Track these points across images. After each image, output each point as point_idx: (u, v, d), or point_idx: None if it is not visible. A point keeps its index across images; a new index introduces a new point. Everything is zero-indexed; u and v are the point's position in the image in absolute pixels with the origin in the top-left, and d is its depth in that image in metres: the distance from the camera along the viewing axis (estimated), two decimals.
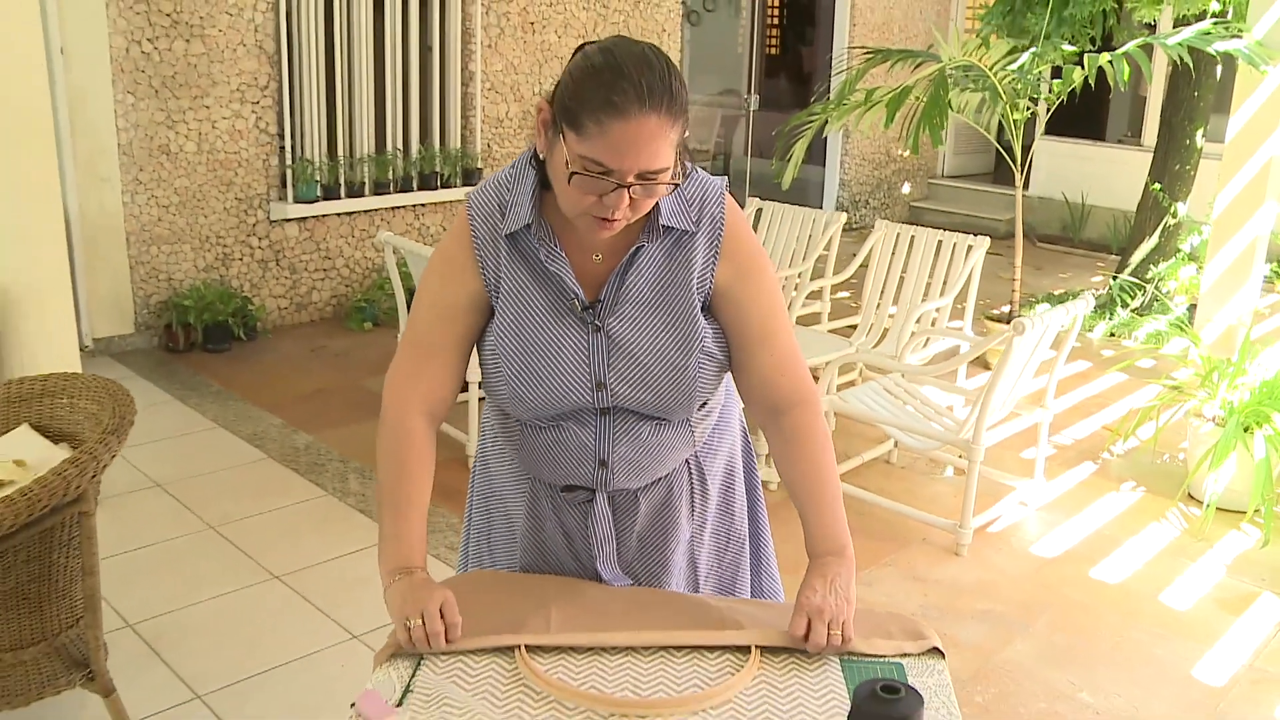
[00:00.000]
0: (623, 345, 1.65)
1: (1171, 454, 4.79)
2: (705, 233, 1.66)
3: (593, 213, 1.53)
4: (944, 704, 1.49)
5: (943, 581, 3.73)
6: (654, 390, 1.66)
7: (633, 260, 1.64)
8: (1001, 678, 3.17)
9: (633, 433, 1.70)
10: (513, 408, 1.69)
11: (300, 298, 6.41)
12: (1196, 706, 3.06)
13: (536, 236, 1.64)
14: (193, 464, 4.40)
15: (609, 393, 1.66)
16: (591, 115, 1.45)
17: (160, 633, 3.20)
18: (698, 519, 1.86)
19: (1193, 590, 3.70)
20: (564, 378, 1.65)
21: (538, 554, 1.85)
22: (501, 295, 1.66)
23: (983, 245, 4.97)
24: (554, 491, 1.80)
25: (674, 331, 1.65)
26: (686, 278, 1.65)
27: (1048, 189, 9.82)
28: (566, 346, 1.65)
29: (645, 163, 1.47)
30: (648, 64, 1.47)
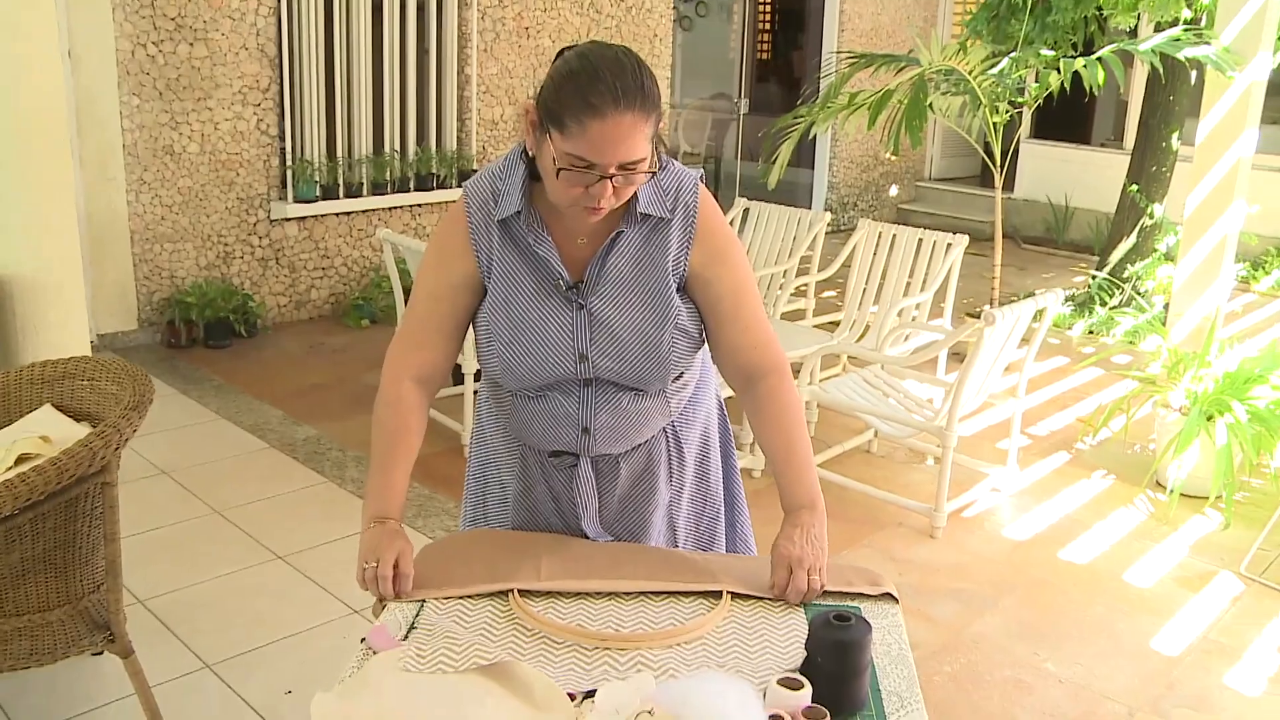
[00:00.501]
0: (603, 322, 1.81)
1: (1143, 445, 4.97)
2: (679, 220, 1.83)
3: (581, 203, 1.70)
4: (895, 642, 1.66)
5: (917, 562, 3.90)
6: (630, 363, 1.83)
7: (613, 245, 1.81)
8: (970, 649, 3.35)
9: (613, 402, 1.87)
10: (504, 379, 1.87)
11: (299, 295, 6.57)
12: (1152, 674, 3.24)
13: (526, 223, 1.81)
14: (197, 453, 4.56)
15: (590, 365, 1.83)
16: (573, 116, 1.62)
17: (170, 609, 3.36)
18: (675, 484, 2.04)
19: (1155, 570, 3.88)
20: (550, 351, 1.82)
21: (528, 515, 2.03)
22: (494, 276, 1.83)
23: (961, 243, 5.14)
24: (542, 457, 1.97)
25: (650, 310, 1.82)
26: (662, 260, 1.82)
27: (1032, 191, 10.01)
28: (552, 323, 1.82)
29: (624, 155, 1.64)
30: (620, 66, 1.64)
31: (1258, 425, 4.16)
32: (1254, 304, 7.81)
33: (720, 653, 1.60)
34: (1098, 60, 5.55)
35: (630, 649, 1.60)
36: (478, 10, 6.98)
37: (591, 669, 1.55)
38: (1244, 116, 5.10)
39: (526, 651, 1.59)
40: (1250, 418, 4.15)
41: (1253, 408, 4.18)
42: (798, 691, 1.42)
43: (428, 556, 1.86)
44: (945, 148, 10.91)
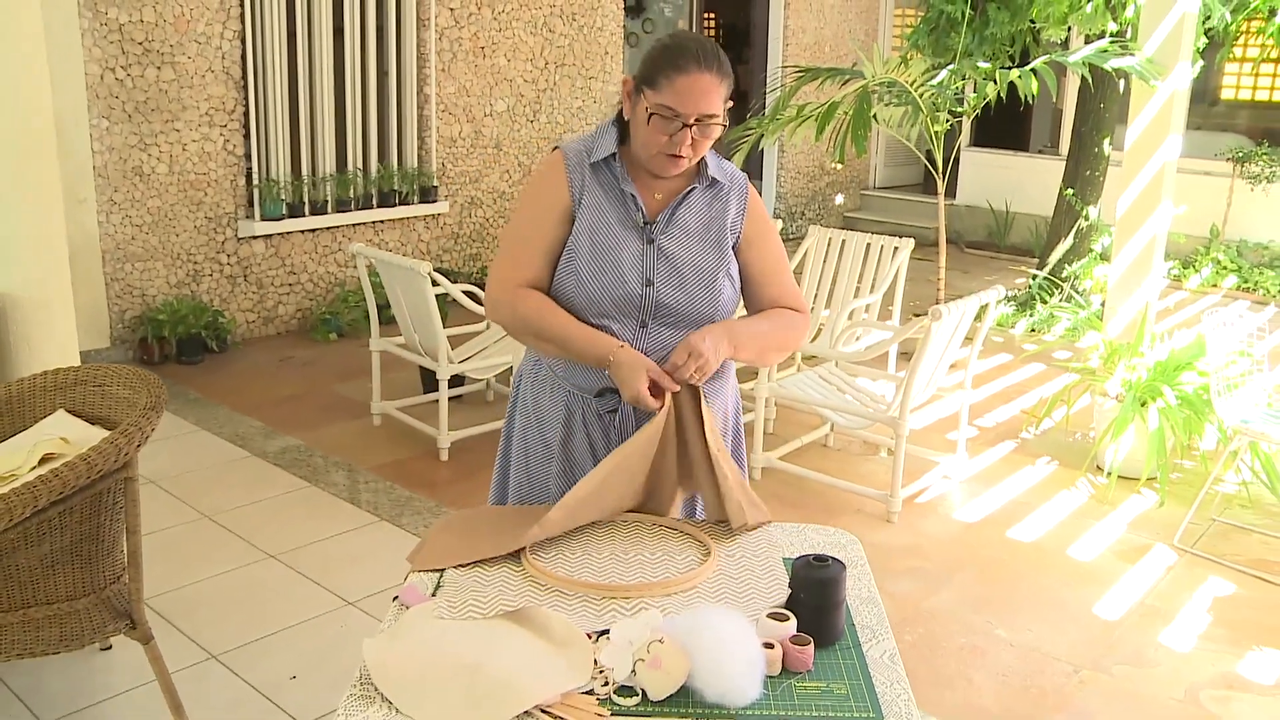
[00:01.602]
0: (668, 256, 2.16)
1: (1083, 433, 5.27)
2: (736, 194, 2.25)
3: (665, 151, 2.08)
4: (864, 585, 1.89)
5: (875, 544, 4.15)
6: (689, 295, 2.15)
7: (685, 198, 2.19)
8: (927, 620, 3.60)
9: (661, 343, 2.16)
10: (575, 297, 2.15)
11: (267, 311, 6.72)
12: (1095, 637, 3.50)
13: (616, 167, 2.17)
14: (182, 462, 4.71)
15: (655, 290, 2.14)
16: (664, 74, 2.04)
17: (171, 606, 3.52)
18: None
19: (1096, 545, 4.16)
20: (622, 271, 2.13)
21: (566, 465, 2.27)
22: (584, 207, 2.16)
23: (907, 246, 5.42)
24: (585, 403, 2.22)
25: (709, 253, 2.18)
26: (722, 220, 2.21)
27: (974, 197, 10.38)
28: (627, 251, 2.14)
29: (703, 108, 2.04)
30: (701, 41, 2.08)
31: (1187, 409, 4.47)
32: (1185, 300, 8.20)
33: (713, 597, 1.82)
34: (1031, 71, 5.86)
35: (634, 597, 1.81)
36: (435, 31, 7.18)
37: (602, 614, 1.76)
38: (1168, 123, 5.42)
39: (542, 603, 1.80)
40: (1180, 402, 4.45)
41: (1182, 393, 4.48)
42: (784, 623, 1.64)
43: (441, 534, 2.05)
44: (888, 157, 11.26)
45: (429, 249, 7.52)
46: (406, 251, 7.36)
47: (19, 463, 2.61)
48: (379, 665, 1.58)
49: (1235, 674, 3.32)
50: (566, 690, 1.54)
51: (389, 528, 4.14)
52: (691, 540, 2.03)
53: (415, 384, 5.55)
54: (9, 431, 2.85)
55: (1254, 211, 9.06)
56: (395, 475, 4.66)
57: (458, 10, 7.31)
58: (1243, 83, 10.57)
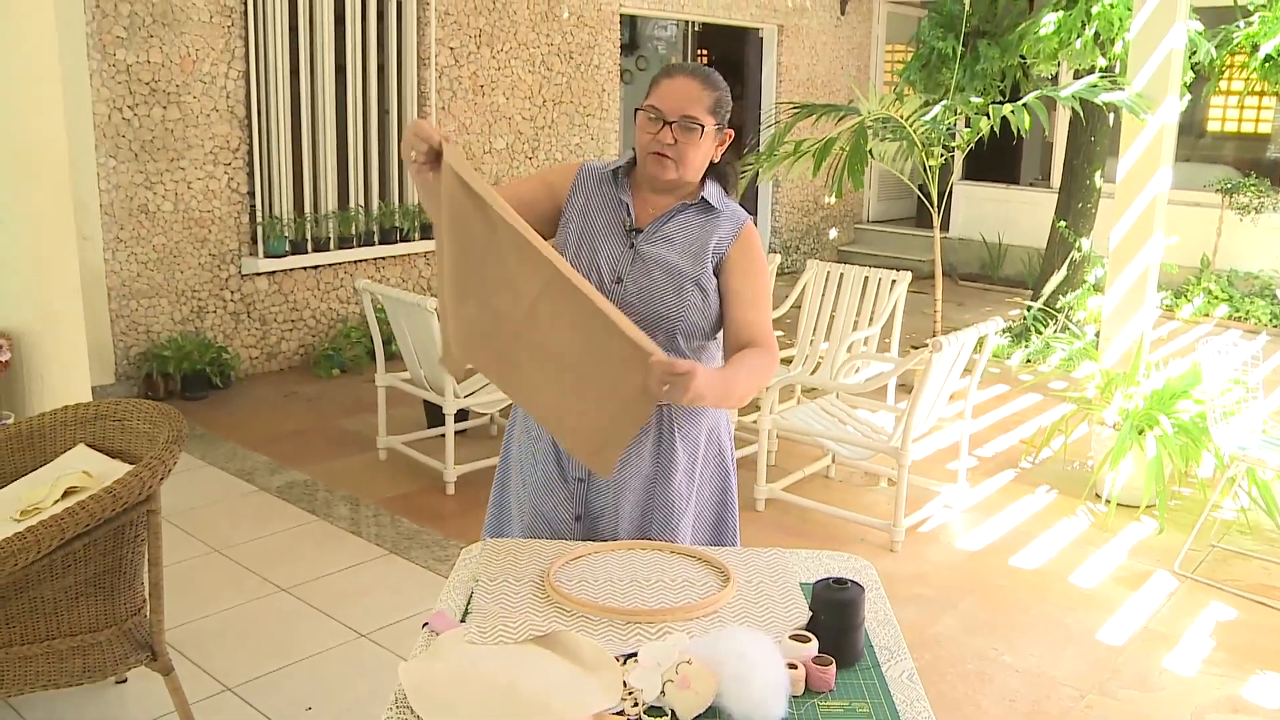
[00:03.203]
0: (644, 259, 2.24)
1: (1081, 461, 5.33)
2: (730, 221, 2.29)
3: (650, 149, 2.20)
4: (881, 608, 1.94)
5: (880, 572, 4.16)
6: (654, 294, 2.21)
7: (675, 213, 2.28)
8: (934, 646, 3.64)
9: None
10: None
11: (270, 347, 6.77)
12: (1100, 662, 3.55)
13: (620, 179, 2.31)
14: (190, 497, 4.74)
15: (623, 288, 2.22)
16: (655, 82, 2.24)
17: (183, 640, 3.55)
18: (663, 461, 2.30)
19: (1097, 572, 4.21)
20: (598, 265, 2.24)
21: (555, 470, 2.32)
22: (575, 211, 2.29)
23: (905, 279, 5.50)
24: None
25: (682, 260, 2.24)
26: (706, 240, 2.26)
27: (967, 230, 10.49)
28: (608, 249, 2.26)
29: (683, 107, 2.18)
30: (695, 62, 2.25)
31: (1183, 437, 4.53)
32: (1178, 330, 8.29)
33: (736, 620, 1.87)
34: (1024, 106, 5.97)
35: (659, 621, 1.86)
36: (435, 70, 7.28)
37: (627, 639, 1.81)
38: (1158, 156, 5.52)
39: (570, 628, 1.84)
40: (1176, 430, 4.52)
41: (1178, 421, 4.55)
42: (807, 644, 1.69)
43: None
44: (882, 191, 11.39)
45: (430, 285, 7.59)
46: (408, 288, 7.43)
47: (42, 495, 2.65)
48: (415, 688, 1.62)
49: (1240, 698, 3.36)
50: (598, 711, 1.58)
51: (397, 561, 4.18)
52: (710, 567, 2.08)
53: (420, 419, 5.60)
54: (31, 465, 2.89)
55: (1243, 241, 9.18)
56: (402, 509, 4.70)
57: (457, 49, 7.42)
58: (1228, 115, 10.74)
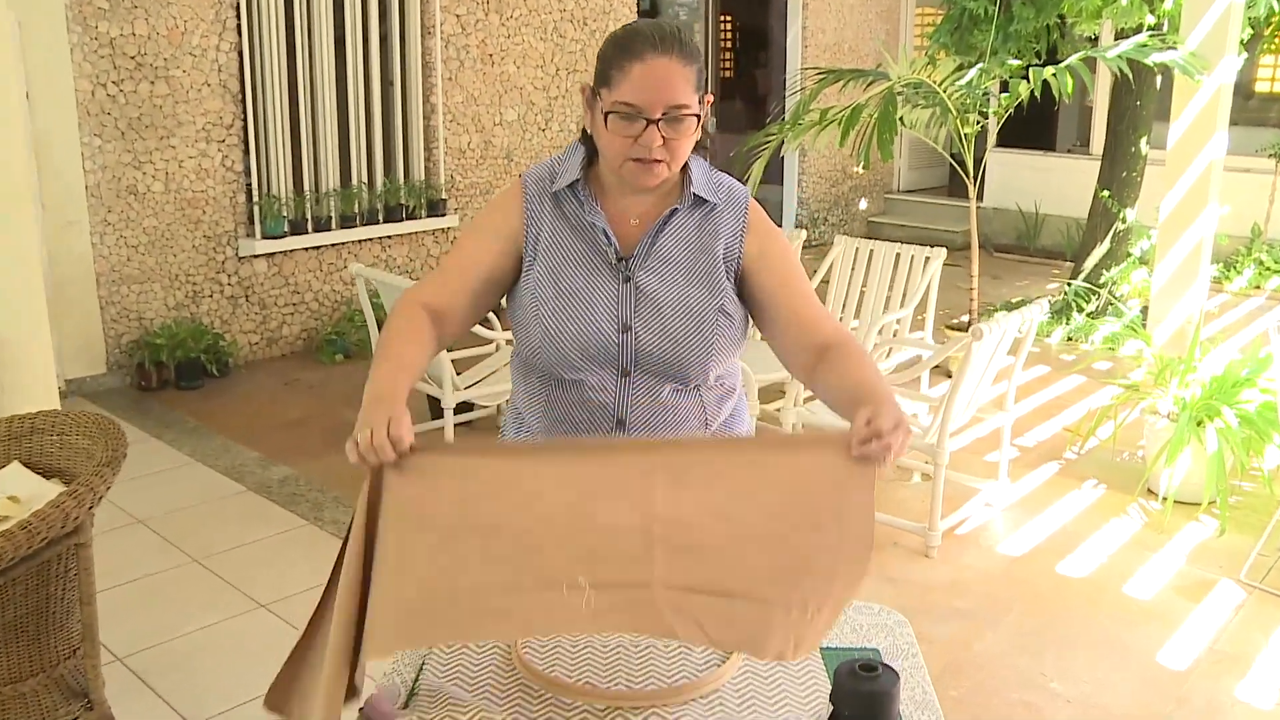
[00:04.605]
0: (649, 295, 1.81)
1: (1130, 451, 4.94)
2: (731, 210, 1.87)
3: (632, 155, 1.73)
4: (919, 685, 1.59)
5: (915, 582, 3.84)
6: (674, 339, 1.81)
7: (666, 223, 1.84)
8: (975, 670, 3.28)
9: (651, 394, 1.84)
10: (543, 351, 1.82)
11: (271, 332, 6.46)
12: (1161, 689, 3.18)
13: (581, 195, 1.83)
14: (172, 499, 4.45)
15: (634, 336, 1.80)
16: (616, 66, 1.71)
17: (149, 665, 3.25)
18: None
19: (1154, 580, 3.83)
20: (594, 319, 1.80)
21: None
22: (541, 246, 1.83)
23: (940, 256, 5.11)
24: None
25: (697, 289, 1.82)
26: (713, 246, 1.84)
27: (1001, 200, 10.04)
28: (599, 293, 1.81)
29: (667, 98, 1.70)
30: (658, 24, 1.74)
31: (1247, 429, 4.14)
32: (1228, 304, 7.84)
33: (738, 708, 1.53)
34: (1066, 69, 5.54)
35: (644, 707, 1.52)
36: (441, 39, 6.91)
37: None
38: (1214, 119, 5.10)
39: (536, 715, 1.51)
40: (1240, 422, 4.12)
41: (1242, 412, 4.15)
42: None
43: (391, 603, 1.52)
44: (912, 159, 10.93)
45: (439, 265, 7.25)
46: (415, 268, 7.10)
47: None
48: None
49: None
50: None
51: None
52: None
53: (423, 409, 5.28)
54: None
55: None
56: None
57: (464, 17, 7.04)
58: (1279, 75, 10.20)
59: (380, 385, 1.60)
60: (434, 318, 1.81)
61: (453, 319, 1.84)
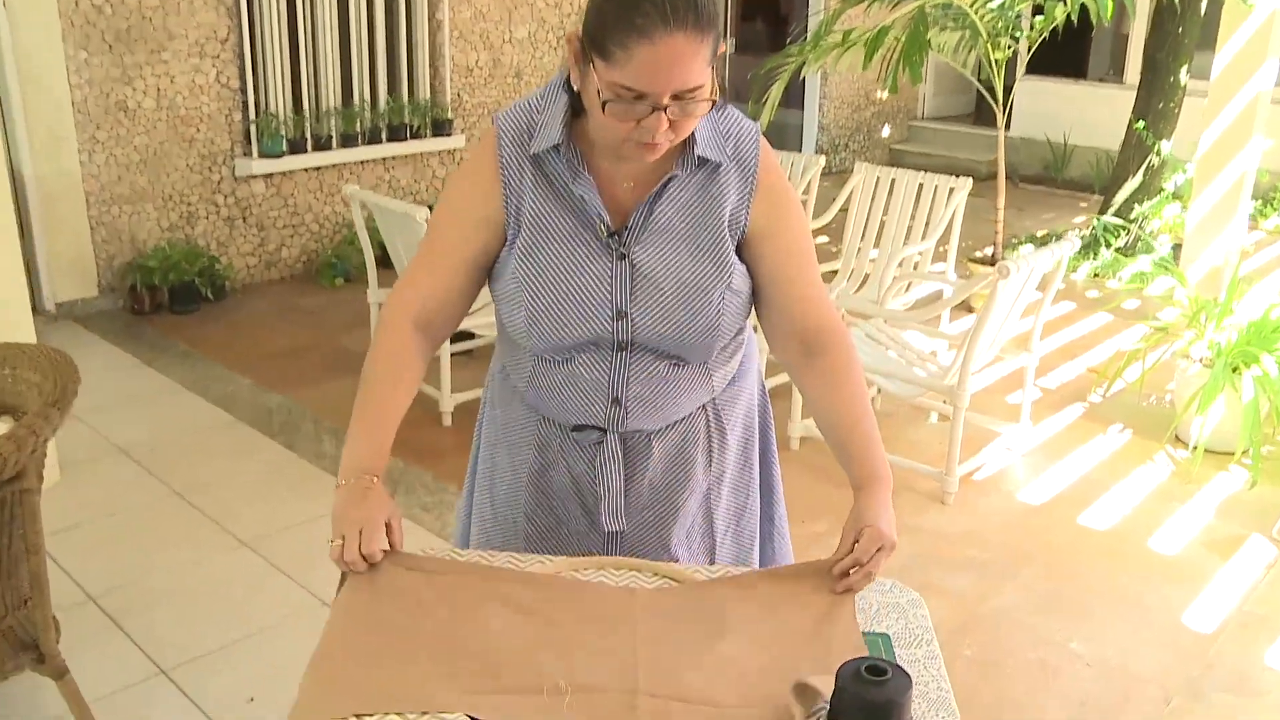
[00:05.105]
0: (647, 275, 1.59)
1: (1158, 395, 4.72)
2: (739, 168, 1.62)
3: (633, 139, 1.49)
4: (934, 679, 1.40)
5: (928, 530, 3.66)
6: (676, 324, 1.60)
7: (664, 190, 1.59)
8: (990, 627, 3.11)
9: (648, 370, 1.64)
10: (528, 337, 1.63)
11: (269, 255, 6.26)
12: (1187, 653, 3.00)
13: (565, 159, 1.58)
14: (159, 429, 4.29)
15: (629, 322, 1.60)
16: (618, 42, 1.41)
17: (124, 606, 3.10)
18: (715, 470, 1.80)
19: (1181, 534, 3.64)
20: (584, 304, 1.59)
21: (542, 500, 1.79)
22: (524, 219, 1.61)
23: (965, 187, 4.86)
24: (564, 433, 1.73)
25: (702, 265, 1.60)
26: (719, 212, 1.61)
27: (1029, 129, 9.68)
28: (589, 273, 1.59)
29: (678, 83, 1.43)
30: None
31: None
32: (1263, 242, 7.54)
33: None
34: None
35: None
36: None
37: None
38: (1264, 47, 4.81)
39: None
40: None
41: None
42: None
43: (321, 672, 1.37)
44: (938, 85, 10.56)
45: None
46: (420, 190, 6.86)
47: None
48: None
49: None
50: None
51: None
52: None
53: None
54: None
55: None
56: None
57: None
58: None
59: (359, 457, 1.56)
60: (424, 331, 1.66)
61: (444, 322, 1.69)
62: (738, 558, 1.88)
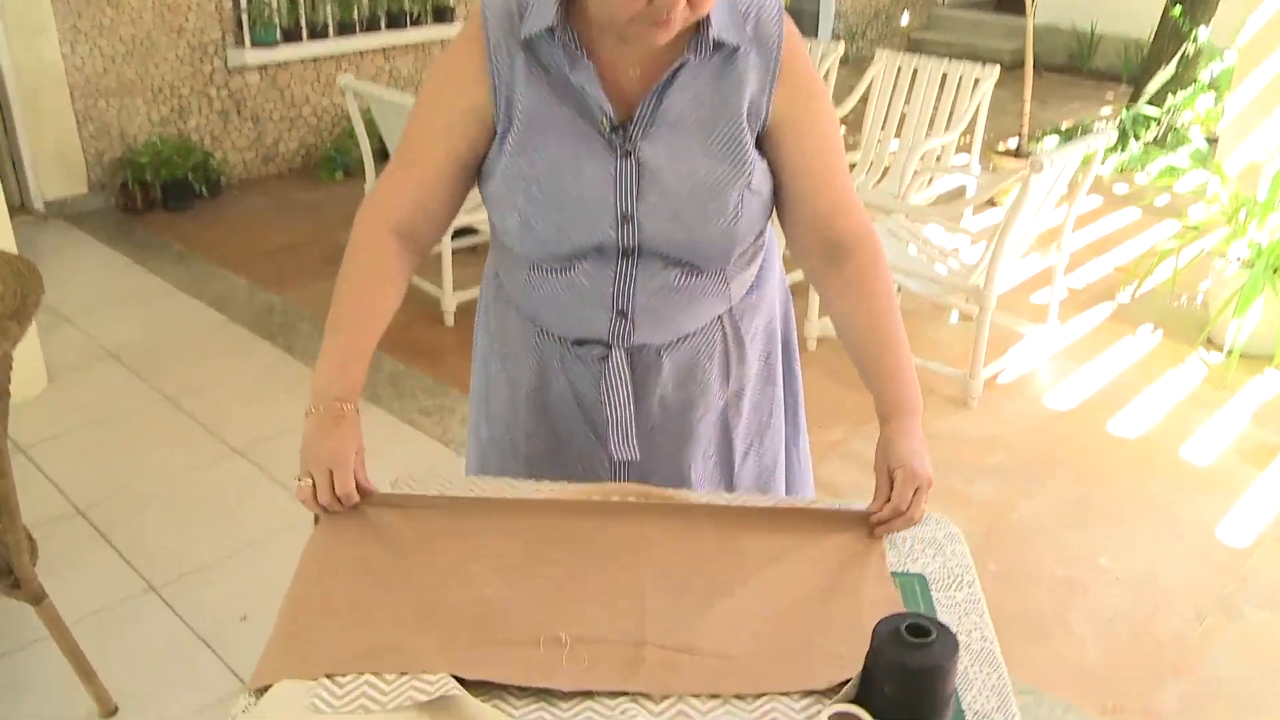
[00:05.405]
0: (656, 174, 1.40)
1: (1190, 295, 4.52)
2: (760, 50, 1.41)
3: (643, 17, 1.29)
4: (976, 627, 1.26)
5: (951, 435, 3.51)
6: (688, 229, 1.42)
7: (674, 78, 1.39)
8: (1015, 540, 2.98)
9: (658, 279, 1.47)
10: (521, 244, 1.46)
11: (266, 149, 6.04)
12: (1220, 569, 2.87)
13: (560, 42, 1.38)
14: (151, 331, 4.13)
15: (636, 227, 1.41)
16: None
17: (112, 518, 2.98)
18: (733, 385, 1.63)
19: (1215, 443, 3.48)
20: (584, 207, 1.41)
21: (542, 419, 1.63)
22: (514, 111, 1.41)
23: (991, 76, 4.61)
24: (564, 347, 1.56)
25: (718, 162, 1.41)
26: (737, 103, 1.41)
27: (1054, 16, 9.27)
28: (589, 172, 1.40)
29: None
30: None
31: None
32: None
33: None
34: None
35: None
36: None
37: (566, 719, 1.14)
38: None
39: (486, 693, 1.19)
40: None
41: None
42: None
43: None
44: None
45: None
46: (422, 80, 6.59)
47: None
48: None
49: None
50: None
51: (376, 413, 3.56)
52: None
53: None
54: None
55: None
56: (390, 343, 4.01)
57: None
58: None
59: (330, 382, 1.41)
60: (405, 240, 1.48)
61: (428, 228, 1.50)
62: (759, 480, 1.73)
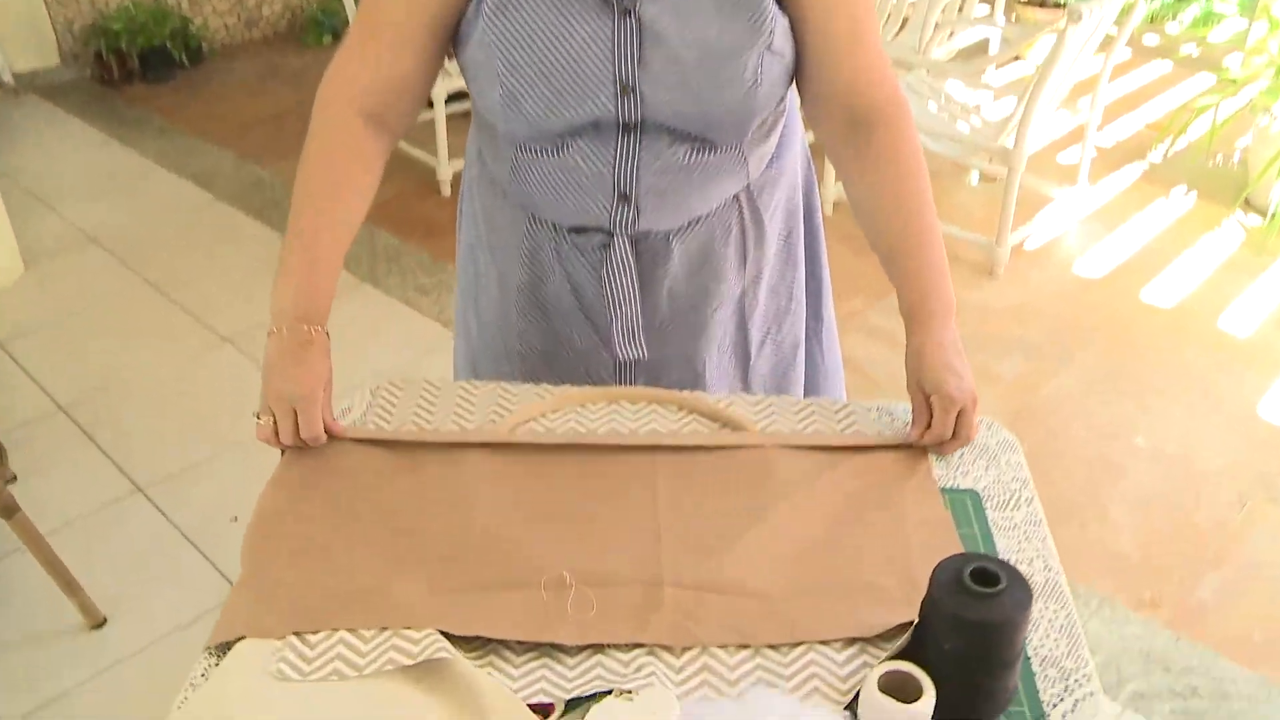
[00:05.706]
0: (660, 36, 1.18)
1: (1226, 154, 4.27)
2: None
3: None
4: (1039, 555, 1.10)
5: (976, 305, 3.34)
6: (699, 100, 1.22)
7: None
8: (1045, 418, 2.83)
9: (665, 157, 1.26)
10: (507, 121, 1.25)
11: (249, 13, 5.72)
12: (1262, 448, 2.72)
13: None
14: (132, 213, 3.93)
15: (638, 98, 1.21)
16: None
17: (95, 416, 2.84)
18: (750, 271, 1.45)
19: (1256, 313, 3.30)
20: (577, 77, 1.20)
21: (537, 317, 1.45)
22: None
23: None
24: (559, 236, 1.37)
25: (732, 21, 1.18)
26: None
27: None
28: (582, 35, 1.18)
29: None
30: None
31: None
32: None
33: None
34: None
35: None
36: None
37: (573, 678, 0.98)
38: None
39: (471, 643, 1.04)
40: None
41: None
42: (912, 705, 0.86)
43: None
44: None
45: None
46: None
47: None
48: None
49: None
50: None
51: (368, 292, 3.39)
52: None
53: None
54: None
55: None
56: (383, 217, 3.83)
57: None
58: None
59: (294, 299, 1.22)
60: (375, 122, 1.27)
61: (402, 107, 1.29)
62: (776, 370, 1.56)
